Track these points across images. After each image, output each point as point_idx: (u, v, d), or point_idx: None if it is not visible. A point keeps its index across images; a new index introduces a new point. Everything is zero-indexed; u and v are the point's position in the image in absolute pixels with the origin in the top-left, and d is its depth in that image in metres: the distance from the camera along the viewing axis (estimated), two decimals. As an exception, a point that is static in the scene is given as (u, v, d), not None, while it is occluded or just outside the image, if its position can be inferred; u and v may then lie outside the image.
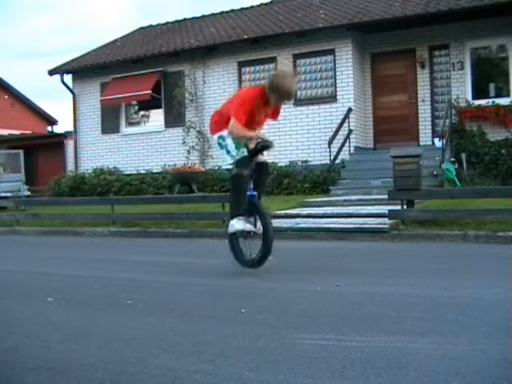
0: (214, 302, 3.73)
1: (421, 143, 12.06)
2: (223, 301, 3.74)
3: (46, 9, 70.76)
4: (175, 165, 13.03)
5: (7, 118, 23.12)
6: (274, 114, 4.84)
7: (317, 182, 11.29)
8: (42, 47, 65.38)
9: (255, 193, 4.68)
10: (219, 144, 4.70)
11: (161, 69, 14.04)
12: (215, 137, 4.76)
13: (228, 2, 46.87)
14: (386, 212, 7.16)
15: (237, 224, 4.54)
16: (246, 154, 4.55)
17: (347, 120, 11.75)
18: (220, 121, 4.67)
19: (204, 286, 4.34)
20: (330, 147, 11.09)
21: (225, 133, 4.60)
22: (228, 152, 4.61)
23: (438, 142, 11.08)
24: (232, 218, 4.61)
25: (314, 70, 12.63)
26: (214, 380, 2.20)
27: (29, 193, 14.52)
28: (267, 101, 4.52)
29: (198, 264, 5.58)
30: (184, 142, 13.59)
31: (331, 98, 12.35)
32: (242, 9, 16.33)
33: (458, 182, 10.06)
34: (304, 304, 3.49)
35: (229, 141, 4.58)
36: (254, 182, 4.70)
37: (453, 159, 10.97)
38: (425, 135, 12.20)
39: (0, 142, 19.21)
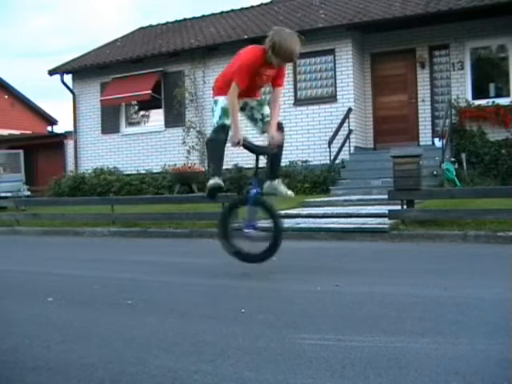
0: (214, 302, 3.73)
1: (421, 143, 12.06)
2: (223, 301, 3.74)
3: (46, 9, 70.78)
4: (175, 165, 13.03)
5: (7, 118, 23.13)
6: (278, 80, 4.58)
7: (317, 182, 11.30)
8: (41, 47, 65.44)
9: (259, 191, 4.62)
10: (212, 109, 4.67)
11: (161, 69, 14.04)
12: (213, 100, 4.66)
13: (228, 2, 46.89)
14: (386, 212, 7.15)
15: (212, 180, 4.52)
16: (225, 123, 4.48)
17: (347, 120, 11.75)
18: (222, 86, 4.54)
19: (204, 285, 4.34)
20: (330, 147, 11.09)
21: (220, 98, 4.52)
22: (213, 117, 4.60)
23: (437, 142, 11.08)
24: (211, 176, 4.60)
25: (314, 70, 12.63)
26: (214, 380, 2.21)
27: (29, 193, 14.52)
28: (268, 61, 4.29)
29: (198, 264, 5.58)
30: (184, 142, 13.59)
31: (331, 98, 12.35)
32: (241, 9, 16.33)
33: (458, 182, 10.06)
34: (304, 304, 3.49)
35: (219, 107, 4.50)
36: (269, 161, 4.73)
37: (453, 159, 10.97)
38: (425, 135, 12.20)
39: (0, 142, 19.21)
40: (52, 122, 26.12)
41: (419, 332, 2.74)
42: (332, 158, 11.22)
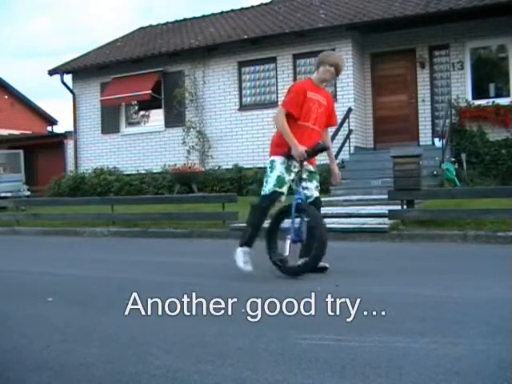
0: (213, 302, 3.72)
1: (421, 143, 12.05)
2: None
3: (47, 9, 70.77)
4: (175, 165, 13.03)
5: (7, 118, 23.11)
6: (332, 119, 4.78)
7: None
8: (41, 47, 65.43)
9: (301, 197, 4.49)
10: (268, 169, 4.53)
11: (161, 69, 14.03)
12: (269, 160, 4.58)
13: (228, 2, 46.87)
14: (386, 212, 7.16)
15: (239, 260, 4.41)
16: (277, 190, 4.41)
17: (347, 120, 11.75)
18: (280, 142, 4.48)
19: (204, 285, 4.34)
20: (329, 147, 11.08)
21: (277, 160, 4.46)
22: (266, 182, 4.48)
23: (437, 142, 11.07)
24: (241, 245, 4.48)
25: (315, 69, 12.60)
26: (214, 380, 2.21)
27: (29, 193, 14.52)
28: (316, 87, 4.59)
29: (197, 264, 5.58)
30: (184, 142, 13.59)
31: (331, 98, 12.33)
32: (241, 9, 16.32)
33: (457, 182, 10.05)
34: (304, 304, 3.49)
35: (275, 174, 4.42)
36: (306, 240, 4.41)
37: (453, 159, 10.96)
38: (425, 135, 12.20)
39: (0, 142, 19.20)
40: (52, 121, 26.10)
41: (419, 332, 2.74)
42: (332, 157, 11.21)
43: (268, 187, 4.47)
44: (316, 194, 4.64)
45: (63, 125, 61.00)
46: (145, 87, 13.81)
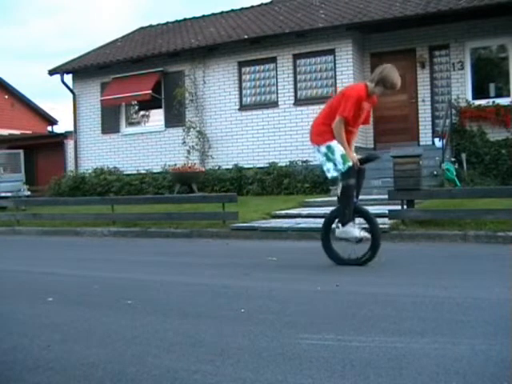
0: (214, 302, 3.72)
1: (421, 143, 12.06)
2: (223, 301, 3.74)
3: (48, 11, 70.73)
4: (175, 165, 13.03)
5: (7, 118, 23.12)
6: (367, 119, 5.10)
7: (317, 181, 11.29)
8: (43, 49, 65.38)
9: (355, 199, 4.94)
10: (326, 155, 4.84)
11: (161, 69, 14.04)
12: (323, 147, 4.85)
13: (228, 2, 46.83)
14: (386, 212, 7.15)
15: (353, 231, 4.78)
16: (351, 164, 4.73)
17: (347, 120, 11.74)
18: (325, 130, 4.82)
19: (204, 285, 4.34)
20: (330, 147, 11.08)
21: (334, 143, 4.77)
22: (335, 165, 4.80)
23: (438, 142, 11.07)
24: (344, 224, 4.82)
25: (314, 70, 12.63)
26: (214, 380, 2.21)
27: (29, 193, 14.52)
28: (369, 95, 4.86)
29: (197, 264, 5.58)
30: (184, 142, 13.59)
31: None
32: (242, 9, 16.33)
33: (458, 182, 10.05)
34: (304, 304, 3.49)
35: (338, 155, 4.75)
36: None
37: (453, 159, 10.96)
38: (425, 135, 12.20)
39: (0, 142, 19.21)
40: (52, 122, 26.12)
41: (419, 332, 2.74)
42: (332, 157, 11.21)
43: (340, 167, 4.76)
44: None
45: (63, 125, 61.01)
46: (145, 87, 13.81)
